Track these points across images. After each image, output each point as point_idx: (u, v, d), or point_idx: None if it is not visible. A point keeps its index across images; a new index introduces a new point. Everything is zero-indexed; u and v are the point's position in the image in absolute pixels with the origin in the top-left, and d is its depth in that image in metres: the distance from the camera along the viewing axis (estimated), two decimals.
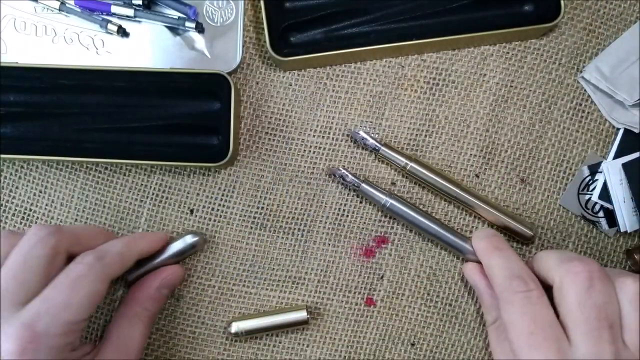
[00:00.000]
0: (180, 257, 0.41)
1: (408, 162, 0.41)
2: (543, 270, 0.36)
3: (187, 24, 0.41)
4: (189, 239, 0.40)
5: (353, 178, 0.41)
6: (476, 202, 0.41)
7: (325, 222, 0.42)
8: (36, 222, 0.42)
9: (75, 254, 0.35)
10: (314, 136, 0.42)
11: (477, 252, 0.39)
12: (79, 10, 0.41)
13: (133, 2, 0.41)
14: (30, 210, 0.43)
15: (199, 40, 0.42)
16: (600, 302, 0.32)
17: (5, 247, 0.34)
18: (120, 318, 0.38)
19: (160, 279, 0.39)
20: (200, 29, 0.41)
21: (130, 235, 0.40)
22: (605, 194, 0.42)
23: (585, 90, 0.43)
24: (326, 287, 0.42)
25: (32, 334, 0.30)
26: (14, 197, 0.43)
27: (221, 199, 0.42)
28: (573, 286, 0.33)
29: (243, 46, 0.42)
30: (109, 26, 0.41)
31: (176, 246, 0.40)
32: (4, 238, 0.34)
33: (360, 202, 0.42)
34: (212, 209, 0.42)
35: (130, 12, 0.41)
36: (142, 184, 0.42)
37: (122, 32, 0.42)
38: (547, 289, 0.35)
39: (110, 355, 0.35)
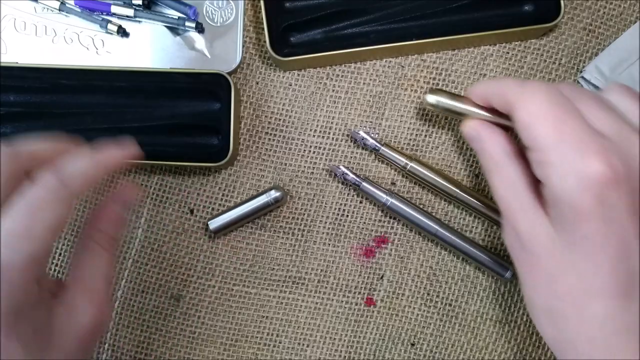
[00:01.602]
0: (263, 211, 0.41)
1: (408, 162, 0.41)
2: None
3: (187, 24, 0.41)
4: (273, 193, 0.40)
5: (354, 177, 0.41)
6: (476, 202, 0.41)
7: (325, 222, 0.42)
8: None
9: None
10: (314, 136, 0.42)
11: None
12: (79, 10, 0.41)
13: (133, 2, 0.41)
14: None
15: (199, 40, 0.42)
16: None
17: None
18: (80, 251, 0.33)
19: (114, 199, 0.35)
20: (200, 29, 0.41)
21: (93, 150, 0.33)
22: None
23: None
24: (326, 287, 0.42)
25: None
26: None
27: (221, 199, 0.42)
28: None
29: (243, 46, 0.42)
30: (109, 26, 0.41)
31: (260, 200, 0.40)
32: None
33: (360, 202, 0.42)
34: (212, 209, 0.42)
35: (130, 12, 0.41)
36: (142, 184, 0.42)
37: (122, 32, 0.42)
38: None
39: (78, 296, 0.31)
